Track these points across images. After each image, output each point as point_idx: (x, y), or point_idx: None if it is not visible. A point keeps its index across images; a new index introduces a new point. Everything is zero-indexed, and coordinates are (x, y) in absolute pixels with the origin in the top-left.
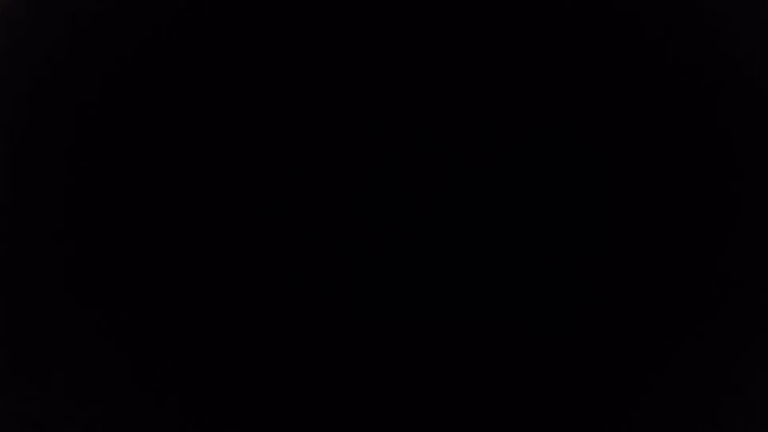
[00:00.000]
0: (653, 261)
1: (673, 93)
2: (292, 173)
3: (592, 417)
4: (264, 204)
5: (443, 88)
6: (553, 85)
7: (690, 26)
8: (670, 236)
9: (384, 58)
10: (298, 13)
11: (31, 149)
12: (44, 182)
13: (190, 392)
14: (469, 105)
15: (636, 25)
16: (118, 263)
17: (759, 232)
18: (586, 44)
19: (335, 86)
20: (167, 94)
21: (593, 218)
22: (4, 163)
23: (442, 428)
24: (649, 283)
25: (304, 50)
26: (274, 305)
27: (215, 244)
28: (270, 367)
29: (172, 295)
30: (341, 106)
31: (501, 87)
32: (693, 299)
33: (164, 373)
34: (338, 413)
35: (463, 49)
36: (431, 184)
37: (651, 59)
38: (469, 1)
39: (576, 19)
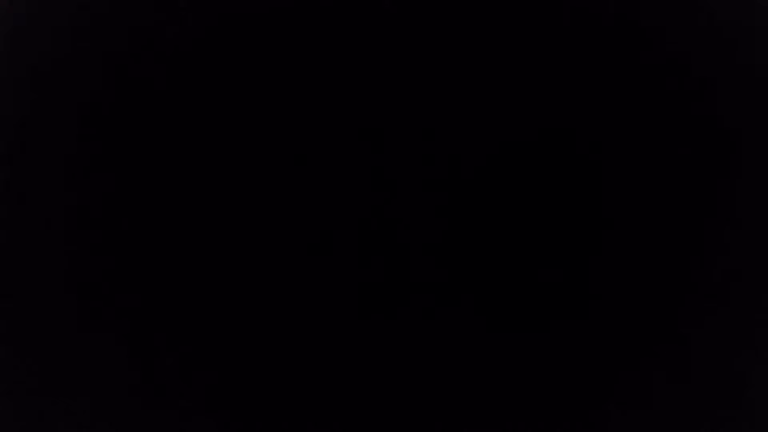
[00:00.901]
0: (653, 260)
1: (674, 93)
2: (290, 174)
3: (592, 417)
4: (264, 204)
5: (442, 93)
6: (553, 84)
7: (690, 25)
8: (670, 236)
9: (385, 62)
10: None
11: (31, 149)
12: (45, 182)
13: (191, 392)
14: (469, 105)
15: (635, 25)
16: (121, 262)
17: (759, 232)
18: (585, 43)
19: (335, 89)
20: (168, 94)
21: (593, 217)
22: (4, 163)
23: (443, 428)
24: (649, 282)
25: (303, 54)
26: (274, 307)
27: (216, 244)
28: (270, 368)
29: (172, 295)
30: (340, 110)
31: (501, 86)
32: (693, 299)
33: (165, 373)
34: (337, 413)
35: (463, 50)
36: (431, 183)
37: (650, 59)
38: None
39: (573, 18)
